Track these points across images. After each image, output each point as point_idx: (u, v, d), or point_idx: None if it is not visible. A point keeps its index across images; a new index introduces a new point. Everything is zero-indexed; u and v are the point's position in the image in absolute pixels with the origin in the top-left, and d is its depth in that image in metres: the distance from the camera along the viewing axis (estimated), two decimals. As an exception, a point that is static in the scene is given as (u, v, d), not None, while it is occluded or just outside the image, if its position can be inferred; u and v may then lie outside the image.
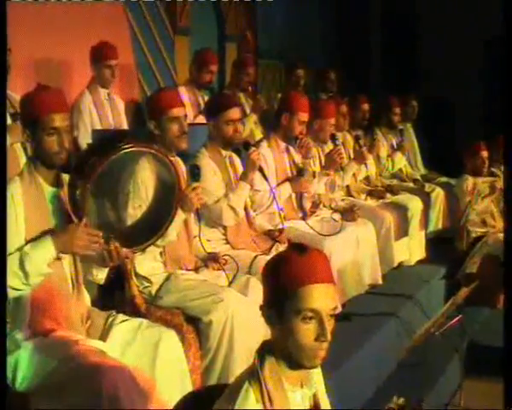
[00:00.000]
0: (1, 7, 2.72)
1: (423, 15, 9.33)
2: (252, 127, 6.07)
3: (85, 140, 4.67)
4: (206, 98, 5.79)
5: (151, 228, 2.98)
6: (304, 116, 4.70)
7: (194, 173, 3.42)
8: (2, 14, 2.72)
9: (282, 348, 1.89)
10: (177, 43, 6.45)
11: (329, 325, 1.88)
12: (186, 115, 3.56)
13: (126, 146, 2.75)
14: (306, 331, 1.86)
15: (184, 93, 5.48)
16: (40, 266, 2.56)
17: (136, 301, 3.33)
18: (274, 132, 4.75)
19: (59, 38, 4.98)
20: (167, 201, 3.00)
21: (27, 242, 2.61)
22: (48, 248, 2.57)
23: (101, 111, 4.93)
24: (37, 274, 2.57)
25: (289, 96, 4.88)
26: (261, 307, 1.93)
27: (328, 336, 1.88)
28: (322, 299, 1.86)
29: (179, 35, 6.47)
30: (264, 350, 1.92)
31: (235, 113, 3.99)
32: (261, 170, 4.02)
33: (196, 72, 5.65)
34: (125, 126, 5.13)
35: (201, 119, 5.12)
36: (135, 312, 3.31)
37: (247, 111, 6.10)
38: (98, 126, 4.83)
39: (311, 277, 1.85)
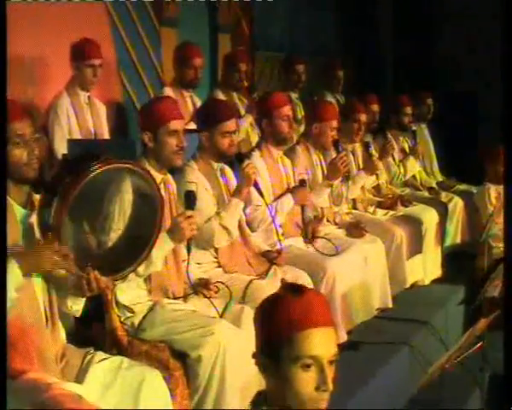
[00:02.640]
0: (1, 7, 2.82)
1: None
2: (247, 129, 6.11)
3: (61, 146, 4.69)
4: (195, 98, 5.83)
5: (133, 253, 3.00)
6: (286, 110, 4.68)
7: (190, 201, 3.45)
8: (2, 14, 2.82)
9: (279, 399, 1.92)
10: (164, 36, 6.45)
11: (330, 372, 1.91)
12: (185, 129, 3.60)
13: (106, 163, 2.77)
14: (306, 380, 1.88)
15: (170, 94, 5.50)
16: (9, 292, 2.56)
17: (117, 333, 3.35)
18: (264, 141, 4.77)
19: (31, 34, 4.97)
20: (150, 222, 3.02)
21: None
22: (13, 272, 2.57)
23: (81, 115, 4.95)
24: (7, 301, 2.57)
25: (267, 97, 4.86)
26: (254, 355, 1.96)
27: (330, 386, 1.90)
28: (322, 344, 1.89)
29: (166, 27, 6.48)
30: (260, 402, 1.94)
31: (231, 125, 4.03)
32: (256, 185, 4.04)
33: (179, 69, 5.69)
34: (106, 133, 5.16)
35: (192, 124, 5.14)
36: (116, 345, 3.34)
37: (242, 112, 6.13)
38: (76, 132, 4.87)
39: (309, 320, 1.88)
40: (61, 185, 2.70)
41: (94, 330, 3.44)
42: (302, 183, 4.67)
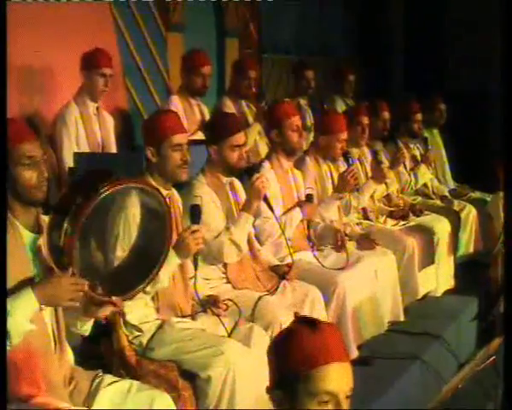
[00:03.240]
0: (1, 7, 2.86)
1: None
2: (256, 138, 6.14)
3: (69, 157, 4.74)
4: (202, 106, 5.86)
5: (142, 271, 3.03)
6: (296, 120, 4.72)
7: (195, 215, 3.48)
8: (3, 14, 2.86)
9: None
10: (170, 42, 6.50)
11: (346, 406, 1.94)
12: (193, 140, 3.63)
13: (117, 184, 2.79)
14: None
15: (178, 102, 5.56)
16: (22, 323, 2.60)
17: (125, 352, 3.39)
18: (274, 152, 4.80)
19: (36, 42, 5.02)
20: (158, 241, 3.04)
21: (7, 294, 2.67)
22: (29, 303, 2.60)
23: (89, 127, 4.99)
24: (18, 333, 2.60)
25: (276, 106, 4.89)
26: (268, 390, 1.98)
27: None
28: (339, 380, 1.92)
29: (172, 32, 6.52)
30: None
31: (240, 138, 4.07)
32: (266, 199, 4.07)
33: (187, 77, 5.71)
34: (114, 146, 5.19)
35: (200, 134, 5.18)
36: (124, 365, 3.39)
37: (250, 120, 6.17)
38: (84, 144, 4.90)
39: (325, 356, 1.91)
40: (70, 207, 2.71)
41: (102, 349, 3.48)
42: (309, 198, 4.69)
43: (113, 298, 2.82)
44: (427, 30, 9.39)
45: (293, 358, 1.92)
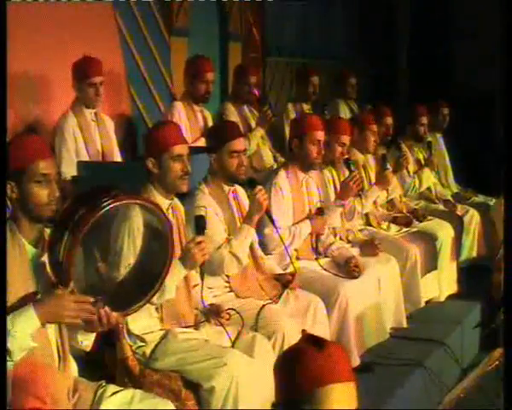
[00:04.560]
0: (1, 7, 2.90)
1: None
2: (259, 143, 6.17)
3: (69, 170, 4.75)
4: (206, 112, 5.88)
5: (144, 286, 3.05)
6: (319, 135, 4.77)
7: (200, 226, 3.49)
8: (3, 14, 2.89)
9: None
10: (174, 47, 6.51)
11: None
12: (189, 154, 3.65)
13: (118, 199, 2.81)
14: None
15: (181, 109, 5.58)
16: (24, 340, 2.63)
17: (128, 363, 3.43)
18: (291, 161, 4.83)
19: (35, 49, 5.00)
20: (161, 257, 3.05)
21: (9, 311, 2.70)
22: (31, 321, 2.63)
23: (88, 135, 4.98)
24: (20, 350, 2.64)
25: (303, 118, 4.99)
26: (273, 405, 2.01)
27: None
28: (345, 400, 1.94)
29: (175, 36, 6.54)
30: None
31: (239, 144, 4.10)
32: (268, 212, 4.10)
33: (190, 83, 5.71)
34: (116, 150, 5.19)
35: (203, 141, 5.20)
36: (127, 374, 3.42)
37: (252, 125, 6.20)
38: (84, 154, 4.90)
39: (331, 376, 1.93)
40: (71, 220, 2.72)
41: (106, 359, 3.52)
42: (320, 211, 4.74)
43: (114, 313, 2.82)
44: (432, 32, 9.41)
45: (299, 377, 1.94)
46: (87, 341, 2.94)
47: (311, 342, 1.99)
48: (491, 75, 8.63)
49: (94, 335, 2.94)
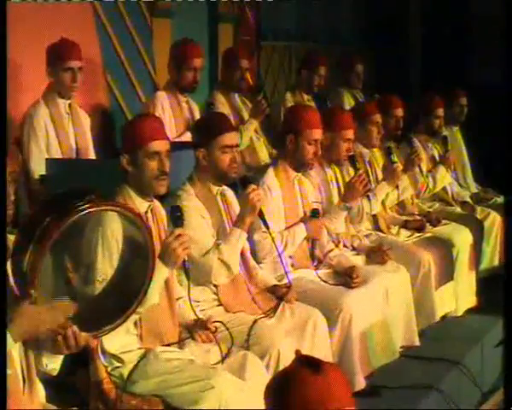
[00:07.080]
0: (1, 7, 3.00)
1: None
2: (252, 136, 6.18)
3: (38, 166, 4.75)
4: (192, 102, 5.88)
5: (121, 303, 3.04)
6: (317, 133, 4.76)
7: (176, 217, 3.50)
8: (3, 14, 2.99)
9: None
10: (156, 29, 6.52)
11: None
12: (168, 151, 3.64)
13: (92, 206, 2.80)
14: None
15: (165, 100, 5.59)
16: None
17: (103, 386, 3.42)
18: (282, 158, 4.83)
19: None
20: (140, 272, 3.04)
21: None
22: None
23: (61, 128, 4.97)
24: None
25: (298, 112, 4.90)
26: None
27: None
28: None
29: (158, 18, 6.53)
30: None
31: (231, 137, 4.11)
32: (261, 214, 4.11)
33: (175, 70, 5.70)
34: (91, 147, 5.19)
35: (188, 136, 5.20)
36: (102, 399, 3.42)
37: (245, 116, 6.20)
38: (56, 148, 4.89)
39: (328, 402, 1.93)
40: (38, 227, 2.71)
41: (78, 382, 3.52)
42: (315, 213, 4.71)
43: (83, 334, 2.80)
44: (448, 16, 9.43)
45: (293, 403, 1.94)
46: (53, 364, 2.93)
47: (305, 363, 1.99)
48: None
49: (61, 358, 2.94)
